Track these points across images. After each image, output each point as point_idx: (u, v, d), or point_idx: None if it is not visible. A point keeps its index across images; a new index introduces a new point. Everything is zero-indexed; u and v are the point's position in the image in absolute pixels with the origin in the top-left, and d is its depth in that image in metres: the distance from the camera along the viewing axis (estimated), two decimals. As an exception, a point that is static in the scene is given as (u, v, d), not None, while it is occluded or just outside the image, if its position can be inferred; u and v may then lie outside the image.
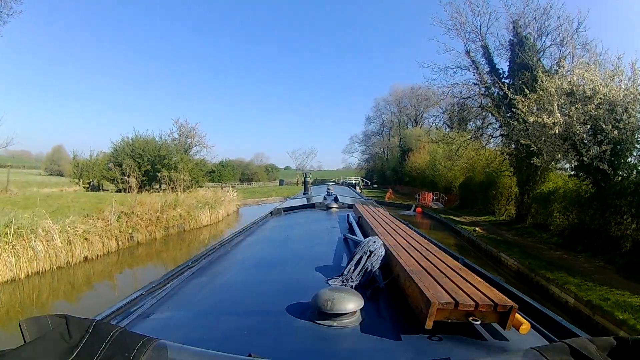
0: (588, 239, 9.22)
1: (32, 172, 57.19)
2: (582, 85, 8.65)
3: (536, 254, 9.48)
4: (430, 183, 29.26)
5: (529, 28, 13.79)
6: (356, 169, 69.10)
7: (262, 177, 79.37)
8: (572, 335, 1.02)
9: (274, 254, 2.09)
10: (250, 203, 25.80)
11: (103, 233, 8.92)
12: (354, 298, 1.04)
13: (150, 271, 9.01)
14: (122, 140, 22.23)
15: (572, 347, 0.70)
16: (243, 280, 1.59)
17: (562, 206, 11.22)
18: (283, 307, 1.13)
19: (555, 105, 8.60)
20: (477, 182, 19.53)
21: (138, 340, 0.65)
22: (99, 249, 8.67)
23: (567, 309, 6.22)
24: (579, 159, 8.95)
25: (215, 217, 15.12)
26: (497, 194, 17.98)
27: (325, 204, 3.93)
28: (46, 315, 0.65)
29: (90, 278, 7.96)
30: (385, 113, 60.07)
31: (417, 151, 38.32)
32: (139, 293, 1.33)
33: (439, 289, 1.04)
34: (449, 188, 24.83)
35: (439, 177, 27.01)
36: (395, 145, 51.70)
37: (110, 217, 9.34)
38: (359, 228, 2.40)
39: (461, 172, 22.24)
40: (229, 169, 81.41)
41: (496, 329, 1.01)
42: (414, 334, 0.97)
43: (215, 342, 0.93)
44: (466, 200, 21.16)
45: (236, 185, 65.30)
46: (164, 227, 11.50)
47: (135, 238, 10.25)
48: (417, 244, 1.70)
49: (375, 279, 1.35)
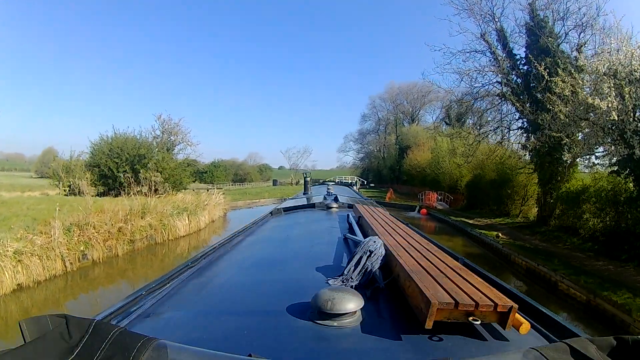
0: (631, 245, 8.20)
1: (24, 174, 55.30)
2: (629, 66, 7.55)
3: (578, 264, 8.30)
4: (432, 182, 27.88)
5: (547, 11, 12.97)
6: (351, 168, 68.90)
7: (255, 177, 78.07)
8: (572, 335, 1.02)
9: (274, 254, 2.11)
10: (241, 206, 24.03)
11: (44, 252, 6.84)
12: (354, 298, 1.06)
13: (112, 294, 7.73)
14: (101, 139, 20.02)
15: (572, 347, 0.71)
16: (243, 280, 1.61)
17: (595, 207, 10.15)
18: (283, 307, 1.15)
19: (608, 86, 6.93)
20: (487, 180, 18.00)
21: (138, 340, 0.67)
22: (38, 273, 6.64)
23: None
24: (628, 152, 7.71)
25: (197, 225, 13.30)
26: (512, 193, 16.17)
27: (325, 204, 3.94)
28: (46, 315, 0.67)
29: (28, 310, 6.58)
30: (381, 110, 59.46)
31: (417, 148, 37.12)
32: (139, 293, 1.33)
33: (439, 289, 1.06)
34: (454, 187, 23.32)
35: (442, 175, 25.61)
36: (392, 143, 50.63)
37: (54, 231, 7.27)
38: (359, 228, 2.42)
39: (468, 169, 20.52)
40: (222, 169, 79.75)
41: (496, 329, 1.03)
42: (414, 334, 1.00)
43: (215, 342, 0.96)
44: (474, 200, 19.87)
45: (229, 185, 63.41)
46: (129, 241, 9.53)
47: (89, 256, 8.27)
48: (417, 243, 1.72)
49: (375, 279, 1.37)
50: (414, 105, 57.44)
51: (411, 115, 58.10)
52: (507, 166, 17.12)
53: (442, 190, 25.41)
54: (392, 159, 49.57)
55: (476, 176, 20.23)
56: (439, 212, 19.72)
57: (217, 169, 78.80)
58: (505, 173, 17.16)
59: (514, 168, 16.33)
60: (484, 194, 19.09)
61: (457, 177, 23.85)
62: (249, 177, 76.40)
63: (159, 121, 22.69)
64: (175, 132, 23.23)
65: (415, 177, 36.38)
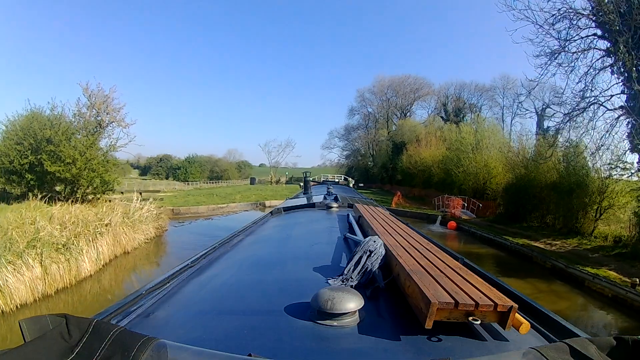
0: None
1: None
2: None
3: None
4: (442, 183, 22.39)
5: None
6: (336, 166, 62.48)
7: (233, 174, 71.78)
8: (572, 335, 1.01)
9: (274, 254, 2.10)
10: (200, 214, 17.60)
11: None
12: (354, 298, 1.05)
13: None
14: (8, 121, 13.51)
15: (572, 347, 0.71)
16: (243, 279, 1.59)
17: None
18: (283, 307, 1.14)
19: None
20: (543, 183, 12.52)
21: (138, 339, 0.66)
22: None
23: None
24: None
25: (77, 270, 6.80)
26: (591, 202, 10.92)
27: (325, 204, 3.87)
28: (46, 315, 0.66)
29: None
30: (371, 104, 53.14)
31: (417, 144, 31.24)
32: (139, 292, 1.29)
33: (439, 288, 1.05)
34: (480, 190, 17.72)
35: (463, 175, 19.83)
36: (384, 139, 44.75)
37: None
38: (358, 228, 2.39)
39: (505, 168, 15.21)
40: (196, 165, 72.51)
41: (496, 329, 1.02)
42: (414, 334, 0.99)
43: (215, 341, 0.94)
44: (517, 208, 15.44)
45: (201, 183, 56.92)
46: None
47: None
48: (417, 243, 1.70)
49: (375, 279, 1.36)
50: (405, 99, 52.72)
51: (402, 109, 53.36)
52: (580, 165, 11.92)
53: (460, 194, 20.03)
54: (384, 156, 44.33)
55: (520, 177, 15.00)
56: (474, 226, 14.27)
57: (192, 165, 72.30)
58: (579, 175, 11.93)
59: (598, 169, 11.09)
60: (536, 201, 13.89)
61: (484, 177, 18.58)
62: (225, 175, 70.80)
63: (86, 93, 15.78)
64: (107, 108, 15.98)
65: (415, 177, 31.25)
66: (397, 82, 53.62)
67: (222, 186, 47.94)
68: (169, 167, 71.47)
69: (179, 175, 67.31)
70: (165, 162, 73.10)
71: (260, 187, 39.85)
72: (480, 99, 49.36)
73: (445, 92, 50.40)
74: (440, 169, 24.49)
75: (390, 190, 37.09)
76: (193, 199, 22.62)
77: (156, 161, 75.16)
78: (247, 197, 24.41)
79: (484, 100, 48.78)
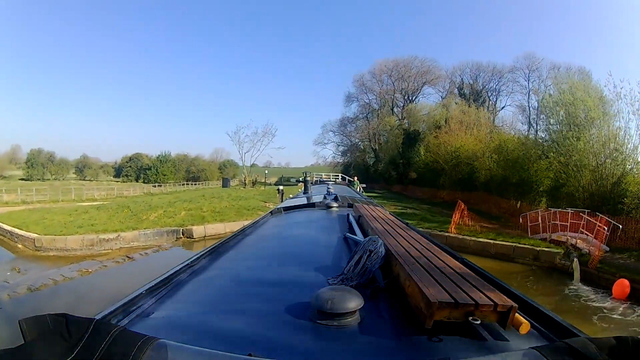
0: None
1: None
2: None
3: None
4: (499, 184, 13.30)
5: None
6: (330, 165, 57.01)
7: (212, 175, 62.21)
8: (572, 335, 0.98)
9: (273, 254, 2.08)
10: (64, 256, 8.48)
11: None
12: (354, 298, 1.04)
13: None
14: None
15: (572, 347, 0.70)
16: (243, 279, 1.57)
17: None
18: (283, 306, 1.13)
19: None
20: None
21: (138, 339, 0.65)
22: None
23: None
24: None
25: None
26: None
27: (325, 204, 3.79)
28: (46, 315, 0.65)
29: None
30: (372, 89, 44.24)
31: (446, 129, 22.43)
32: (139, 292, 1.26)
33: (439, 288, 1.04)
34: (608, 198, 8.89)
35: (571, 171, 10.80)
36: (392, 128, 35.82)
37: None
38: (359, 227, 2.38)
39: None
40: (169, 164, 62.11)
41: (496, 329, 1.01)
42: (414, 334, 0.98)
43: (215, 341, 0.92)
44: None
45: (174, 186, 47.45)
46: None
47: None
48: (417, 243, 1.67)
49: (375, 279, 1.35)
50: (413, 83, 44.11)
51: (408, 95, 44.70)
52: None
53: (552, 204, 11.15)
54: (393, 149, 35.47)
55: None
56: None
57: (164, 165, 62.14)
58: None
59: None
60: None
61: (612, 175, 9.88)
62: (203, 175, 61.47)
63: None
64: None
65: (441, 174, 22.39)
66: (402, 64, 45.13)
67: (188, 189, 38.82)
68: (139, 167, 61.63)
69: (149, 176, 57.68)
70: (135, 161, 63.24)
71: (231, 191, 30.05)
72: (498, 83, 41.23)
73: (460, 74, 42.04)
74: (496, 162, 15.92)
75: (402, 193, 28.21)
76: (63, 218, 13.36)
77: (125, 161, 65.26)
78: (174, 214, 14.92)
79: (503, 83, 40.67)
